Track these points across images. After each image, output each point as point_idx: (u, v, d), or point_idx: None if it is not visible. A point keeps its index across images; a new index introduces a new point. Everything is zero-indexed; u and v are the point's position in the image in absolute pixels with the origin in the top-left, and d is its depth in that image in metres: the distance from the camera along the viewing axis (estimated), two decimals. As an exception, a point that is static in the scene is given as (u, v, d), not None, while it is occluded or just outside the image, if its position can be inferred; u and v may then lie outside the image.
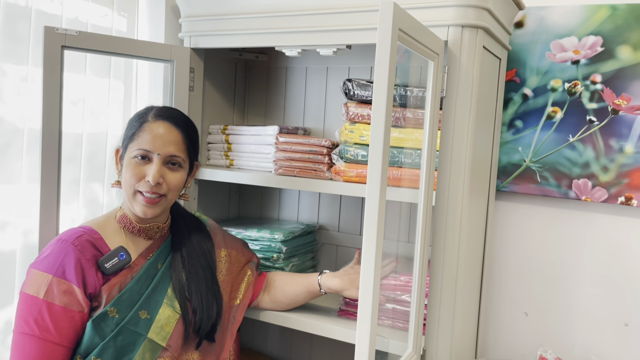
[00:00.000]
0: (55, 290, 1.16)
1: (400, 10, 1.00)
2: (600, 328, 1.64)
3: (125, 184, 1.26)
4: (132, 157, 1.26)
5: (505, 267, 1.75)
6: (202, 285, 1.34)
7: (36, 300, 1.15)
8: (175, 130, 1.28)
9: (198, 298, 1.32)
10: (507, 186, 1.70)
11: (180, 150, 1.28)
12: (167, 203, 1.30)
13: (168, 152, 1.26)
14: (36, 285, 1.16)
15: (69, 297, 1.17)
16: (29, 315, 1.15)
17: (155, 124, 1.27)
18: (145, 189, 1.25)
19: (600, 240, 1.62)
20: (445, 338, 1.35)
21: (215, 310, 1.34)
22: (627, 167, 1.55)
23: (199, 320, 1.30)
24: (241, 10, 1.54)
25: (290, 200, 1.93)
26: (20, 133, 1.45)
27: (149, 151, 1.25)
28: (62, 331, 1.16)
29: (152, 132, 1.26)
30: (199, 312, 1.31)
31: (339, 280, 1.44)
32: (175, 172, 1.28)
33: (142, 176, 1.25)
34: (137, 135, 1.26)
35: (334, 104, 1.83)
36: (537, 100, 1.65)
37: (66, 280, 1.17)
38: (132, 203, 1.26)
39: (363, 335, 1.02)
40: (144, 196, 1.25)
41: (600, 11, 1.56)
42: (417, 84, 1.45)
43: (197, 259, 1.36)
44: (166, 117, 1.29)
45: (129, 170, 1.25)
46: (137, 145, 1.25)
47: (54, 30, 1.37)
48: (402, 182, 1.41)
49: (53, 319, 1.15)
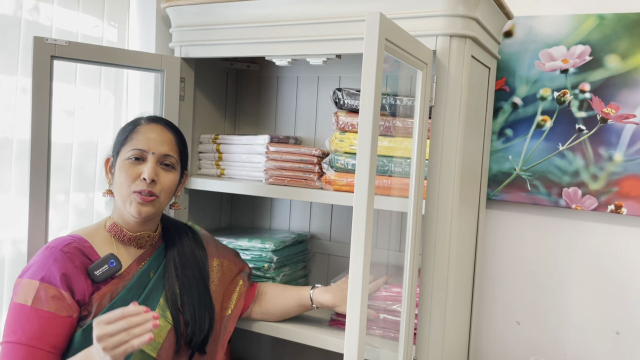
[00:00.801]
0: (44, 296, 1.15)
1: (387, 21, 1.01)
2: (592, 336, 1.64)
3: (119, 186, 1.26)
4: (125, 158, 1.26)
5: (497, 276, 1.75)
6: (194, 296, 1.33)
7: (24, 308, 1.14)
8: (168, 132, 1.31)
9: (191, 310, 1.31)
10: (497, 195, 1.70)
11: (173, 151, 1.30)
12: (159, 205, 1.29)
13: (162, 151, 1.28)
14: (24, 293, 1.15)
15: (58, 303, 1.15)
16: (17, 324, 1.14)
17: (148, 126, 1.30)
18: (141, 187, 1.24)
19: (591, 248, 1.63)
20: (436, 347, 1.35)
21: (207, 323, 1.33)
22: (616, 176, 1.56)
23: (191, 332, 1.30)
24: (231, 20, 1.55)
25: (282, 210, 1.93)
26: (10, 143, 1.45)
27: (144, 150, 1.26)
28: (50, 337, 1.14)
29: (146, 134, 1.28)
30: (191, 324, 1.30)
31: (331, 296, 1.43)
32: (169, 173, 1.29)
33: (136, 176, 1.25)
34: (130, 138, 1.28)
35: (325, 113, 1.83)
36: (526, 109, 1.66)
37: (53, 285, 1.16)
38: (127, 204, 1.26)
39: (351, 345, 1.01)
40: (139, 195, 1.25)
41: (588, 21, 1.57)
42: (407, 93, 1.46)
43: (190, 269, 1.35)
44: (158, 120, 1.33)
45: (123, 171, 1.25)
46: (131, 146, 1.26)
47: (43, 40, 1.37)
48: (392, 191, 1.41)
49: (41, 326, 1.13)
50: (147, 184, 1.24)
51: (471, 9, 1.29)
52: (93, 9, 1.63)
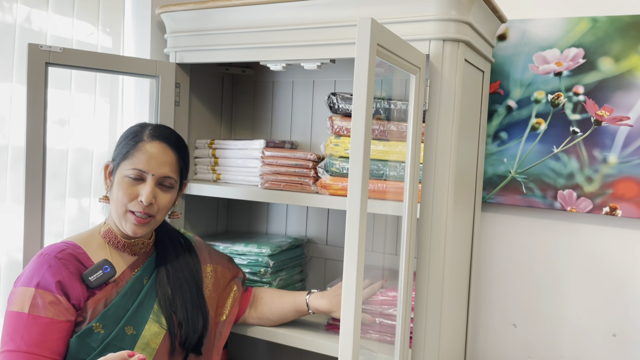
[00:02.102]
0: (40, 302, 1.15)
1: (379, 26, 1.01)
2: (588, 338, 1.64)
3: (116, 202, 1.26)
4: (124, 175, 1.25)
5: (493, 279, 1.75)
6: (187, 298, 1.33)
7: (21, 316, 1.14)
8: (170, 151, 1.29)
9: (183, 311, 1.31)
10: (493, 197, 1.70)
11: (173, 172, 1.30)
12: (155, 223, 1.30)
13: (162, 173, 1.27)
14: (20, 301, 1.15)
15: (56, 308, 1.15)
16: (15, 332, 1.13)
17: (150, 144, 1.27)
18: (138, 209, 1.25)
19: (586, 250, 1.63)
20: (432, 351, 1.35)
21: (201, 323, 1.33)
22: (611, 178, 1.56)
23: (185, 333, 1.30)
24: (226, 26, 1.55)
25: (278, 214, 1.93)
26: (5, 150, 1.45)
27: (144, 172, 1.25)
28: (51, 343, 1.14)
29: (147, 153, 1.26)
30: (185, 325, 1.30)
31: (327, 301, 1.43)
32: (167, 193, 1.29)
33: (134, 196, 1.25)
34: (132, 154, 1.26)
35: (320, 118, 1.83)
36: (521, 111, 1.67)
37: (49, 291, 1.16)
38: (122, 221, 1.26)
39: (346, 349, 1.01)
40: (135, 215, 1.25)
41: (581, 23, 1.58)
42: (401, 97, 1.46)
43: (181, 272, 1.36)
44: (161, 137, 1.30)
45: (122, 189, 1.25)
46: (131, 164, 1.25)
47: (38, 47, 1.37)
48: (386, 194, 1.41)
49: (40, 333, 1.13)
50: (144, 207, 1.25)
51: (464, 13, 1.30)
52: (88, 15, 1.63)
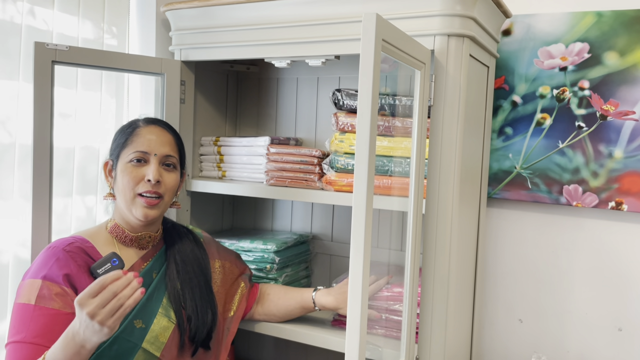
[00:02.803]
0: (47, 294, 1.15)
1: (384, 21, 1.01)
2: (594, 333, 1.64)
3: (123, 190, 1.27)
4: (127, 161, 1.27)
5: (499, 274, 1.75)
6: (196, 292, 1.34)
7: (28, 307, 1.14)
8: (167, 133, 1.33)
9: (193, 305, 1.32)
10: (498, 193, 1.70)
11: (174, 151, 1.33)
12: (164, 205, 1.31)
13: (164, 152, 1.30)
14: (27, 293, 1.16)
15: (62, 299, 1.15)
16: (22, 323, 1.13)
17: (147, 128, 1.31)
18: (146, 188, 1.26)
19: (592, 245, 1.63)
20: (438, 346, 1.35)
21: (210, 317, 1.34)
22: (616, 172, 1.56)
23: (194, 327, 1.30)
24: (230, 23, 1.56)
25: (284, 211, 1.94)
26: (12, 148, 1.46)
27: (146, 152, 1.27)
28: (56, 335, 1.13)
29: (146, 136, 1.29)
30: (194, 319, 1.31)
31: (333, 298, 1.44)
32: (171, 173, 1.31)
33: (140, 178, 1.26)
34: (131, 140, 1.29)
35: (325, 114, 1.84)
36: (526, 107, 1.66)
37: (56, 283, 1.16)
38: (132, 208, 1.27)
39: (352, 344, 1.02)
40: (144, 197, 1.26)
41: (586, 18, 1.57)
42: (406, 93, 1.46)
43: (190, 266, 1.37)
44: (157, 122, 1.35)
45: (126, 174, 1.26)
46: (132, 149, 1.27)
47: (44, 45, 1.38)
48: (392, 190, 1.42)
49: (46, 324, 1.13)
50: (152, 185, 1.26)
51: (469, 8, 1.30)
52: (93, 13, 1.64)
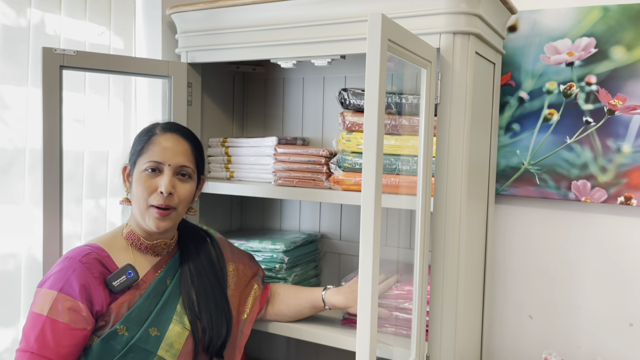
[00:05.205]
0: (60, 307, 1.15)
1: (389, 21, 1.02)
2: (605, 329, 1.63)
3: (137, 199, 1.27)
4: (142, 170, 1.26)
5: (508, 271, 1.75)
6: (211, 302, 1.33)
7: (40, 317, 1.15)
8: (184, 141, 1.30)
9: (207, 316, 1.31)
10: (506, 189, 1.70)
11: (189, 161, 1.30)
12: (177, 216, 1.30)
13: (178, 162, 1.28)
14: (41, 302, 1.16)
15: (74, 315, 1.16)
16: (31, 332, 1.14)
17: (163, 137, 1.29)
18: (158, 201, 1.25)
19: (602, 240, 1.62)
20: (448, 343, 1.35)
21: (225, 329, 1.34)
22: (625, 167, 1.55)
23: (209, 339, 1.30)
24: (236, 25, 1.56)
25: (292, 211, 1.94)
26: (22, 153, 1.47)
27: (160, 162, 1.26)
28: (63, 349, 1.15)
29: (162, 144, 1.27)
30: (209, 330, 1.30)
31: (343, 297, 1.44)
32: (186, 183, 1.30)
33: (153, 189, 1.25)
34: (146, 149, 1.27)
35: (332, 114, 1.84)
36: (533, 103, 1.66)
37: (71, 297, 1.17)
38: (145, 217, 1.26)
39: (363, 343, 1.02)
40: (156, 209, 1.25)
41: (592, 13, 1.57)
42: (413, 92, 1.46)
43: (205, 275, 1.36)
44: (173, 129, 1.32)
45: (140, 184, 1.26)
46: (147, 158, 1.26)
47: (52, 50, 1.39)
48: (400, 189, 1.42)
49: (55, 337, 1.14)
50: (164, 198, 1.25)
51: (474, 5, 1.30)
52: (99, 17, 1.65)
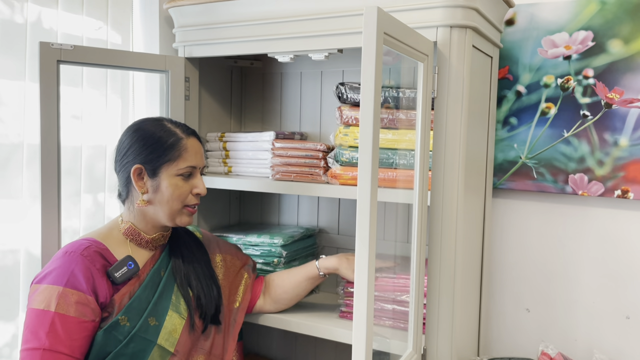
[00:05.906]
0: (68, 301, 1.16)
1: (385, 14, 1.02)
2: (602, 322, 1.64)
3: (170, 202, 1.30)
4: (175, 174, 1.30)
5: (505, 264, 1.75)
6: (199, 271, 1.40)
7: (47, 314, 1.14)
8: (200, 143, 1.39)
9: (197, 283, 1.38)
10: (504, 183, 1.70)
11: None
12: None
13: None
14: (45, 299, 1.16)
15: (83, 308, 1.17)
16: (40, 329, 1.14)
17: (190, 141, 1.34)
18: (195, 201, 1.34)
19: (599, 234, 1.63)
20: (445, 336, 1.36)
21: (215, 291, 1.40)
22: (622, 161, 1.55)
23: (203, 303, 1.36)
24: (233, 19, 1.56)
25: (290, 205, 1.95)
26: (20, 148, 1.47)
27: (194, 167, 1.34)
28: (75, 342, 1.16)
29: (193, 149, 1.34)
30: (202, 296, 1.36)
31: (336, 259, 1.50)
32: None
33: (188, 191, 1.33)
34: (179, 155, 1.30)
35: (329, 108, 1.84)
36: (530, 96, 1.66)
37: (78, 290, 1.18)
38: (176, 217, 1.33)
39: (359, 336, 1.03)
40: (189, 208, 1.34)
41: (589, 6, 1.57)
42: (410, 85, 1.46)
43: (193, 255, 1.42)
44: (192, 132, 1.37)
45: (176, 188, 1.30)
46: (183, 163, 1.30)
47: (49, 45, 1.39)
48: (397, 183, 1.42)
49: (66, 331, 1.15)
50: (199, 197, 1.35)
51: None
52: (97, 12, 1.65)
